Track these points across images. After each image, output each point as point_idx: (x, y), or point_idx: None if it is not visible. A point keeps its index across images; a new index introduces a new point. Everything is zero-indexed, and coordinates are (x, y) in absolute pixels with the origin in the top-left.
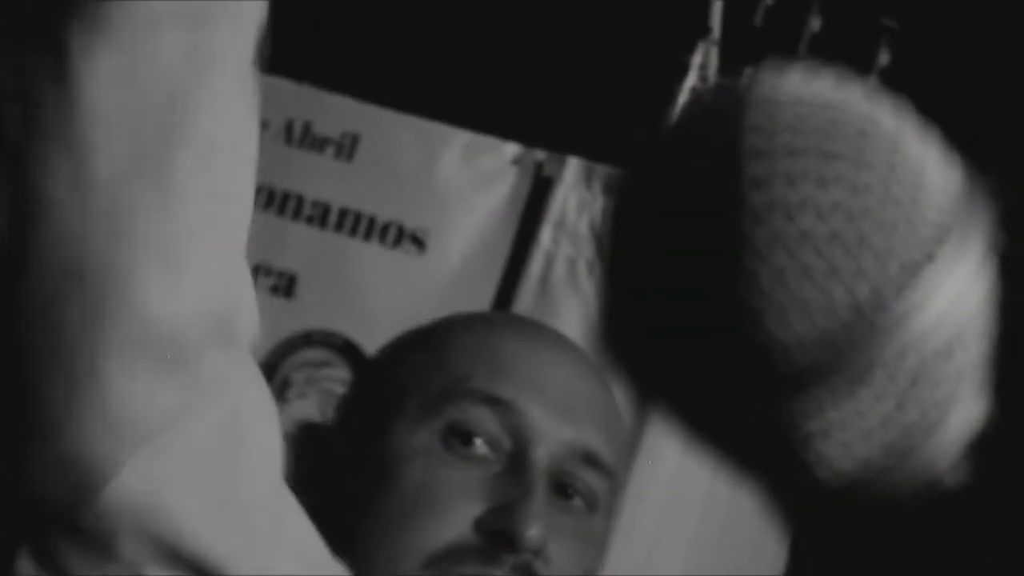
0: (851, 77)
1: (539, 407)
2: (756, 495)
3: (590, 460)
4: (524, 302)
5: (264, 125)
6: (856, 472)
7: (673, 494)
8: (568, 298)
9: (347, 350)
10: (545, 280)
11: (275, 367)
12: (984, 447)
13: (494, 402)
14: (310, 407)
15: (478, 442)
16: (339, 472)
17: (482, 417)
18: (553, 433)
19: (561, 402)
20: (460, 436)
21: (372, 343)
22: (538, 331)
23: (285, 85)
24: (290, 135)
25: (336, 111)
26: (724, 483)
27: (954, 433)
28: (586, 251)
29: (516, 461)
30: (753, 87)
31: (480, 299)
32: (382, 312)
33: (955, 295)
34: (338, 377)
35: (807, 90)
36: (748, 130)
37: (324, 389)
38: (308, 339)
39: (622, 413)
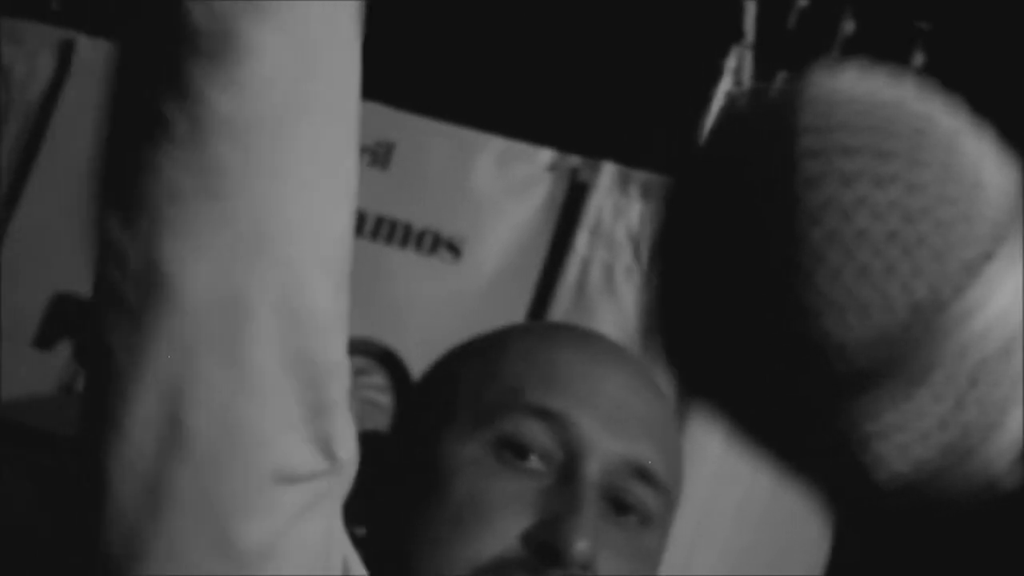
0: (902, 76)
1: (592, 420)
2: (800, 494)
3: (643, 475)
4: (560, 308)
5: None
6: (913, 473)
7: (713, 494)
8: (605, 304)
9: (385, 358)
10: (581, 286)
11: None
12: None
13: (546, 415)
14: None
15: (531, 456)
16: (393, 481)
17: (534, 430)
18: (605, 446)
19: (614, 415)
20: (512, 448)
21: (408, 350)
22: (593, 342)
23: None
24: None
25: (370, 119)
26: (763, 483)
27: (1012, 434)
28: (623, 257)
29: (567, 474)
30: (807, 86)
31: (516, 305)
32: (418, 319)
33: (1014, 294)
34: (376, 385)
35: (861, 88)
36: (803, 130)
37: (362, 397)
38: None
39: (678, 426)
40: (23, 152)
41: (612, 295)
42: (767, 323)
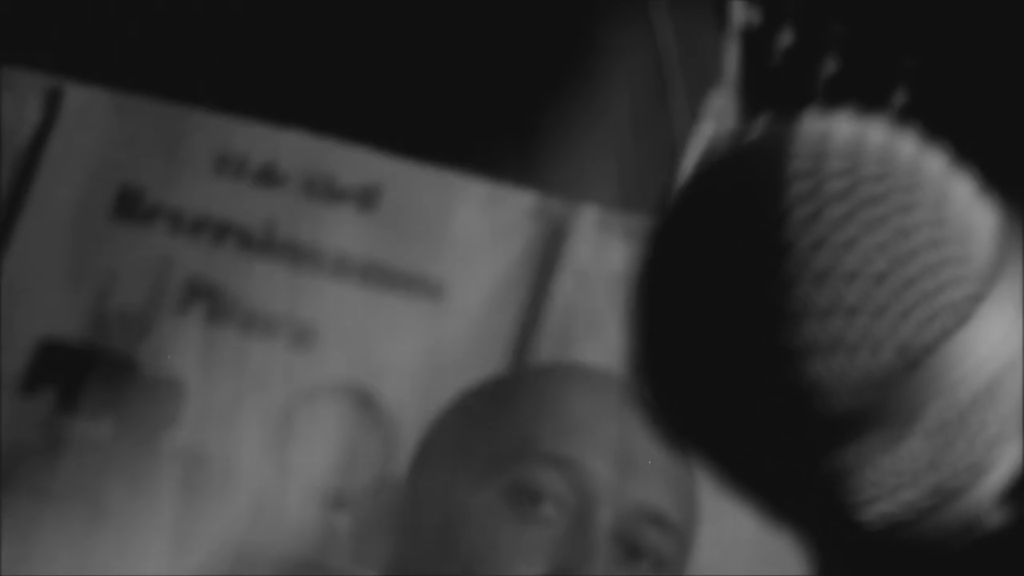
0: (890, 118)
1: (605, 466)
2: (785, 535)
3: (656, 520)
4: (543, 352)
5: (285, 178)
6: (902, 514)
7: (702, 531)
8: (587, 348)
9: (366, 402)
10: (564, 330)
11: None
12: None
13: (560, 462)
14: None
15: (545, 503)
16: (406, 527)
17: (548, 478)
18: (619, 493)
19: (628, 460)
20: (526, 496)
21: (389, 394)
22: (606, 386)
23: (305, 138)
24: (311, 188)
25: (358, 163)
26: (750, 521)
27: (1001, 473)
28: (605, 300)
29: (580, 521)
30: (796, 130)
31: (498, 349)
32: (401, 363)
33: (1002, 334)
34: (357, 430)
35: (851, 132)
36: (793, 176)
37: (344, 443)
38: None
39: (690, 470)
40: (11, 198)
41: (594, 339)
42: (753, 366)
